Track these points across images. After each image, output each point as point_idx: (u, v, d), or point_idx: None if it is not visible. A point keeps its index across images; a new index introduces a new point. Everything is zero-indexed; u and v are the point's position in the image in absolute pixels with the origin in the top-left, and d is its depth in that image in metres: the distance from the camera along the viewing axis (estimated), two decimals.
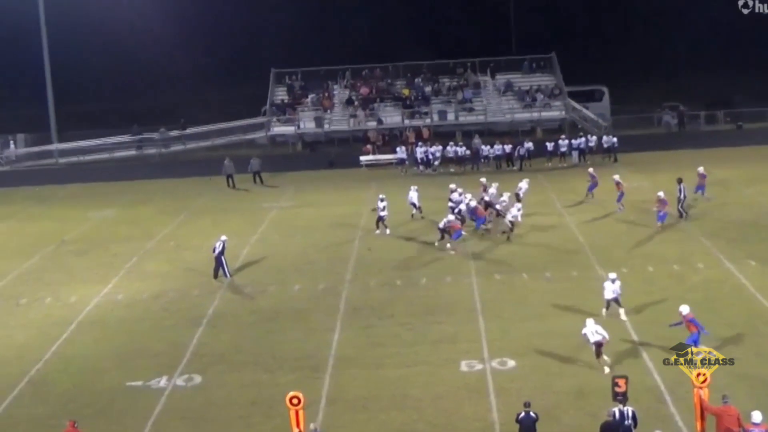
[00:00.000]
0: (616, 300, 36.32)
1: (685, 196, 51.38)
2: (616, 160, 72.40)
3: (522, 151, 72.49)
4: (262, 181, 71.31)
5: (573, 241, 48.63)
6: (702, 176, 54.79)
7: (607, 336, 31.74)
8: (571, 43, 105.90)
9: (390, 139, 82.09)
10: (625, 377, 26.26)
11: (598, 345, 31.72)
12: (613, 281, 36.33)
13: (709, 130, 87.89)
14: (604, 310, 36.29)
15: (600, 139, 74.65)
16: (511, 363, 32.99)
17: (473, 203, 51.42)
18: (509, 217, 49.66)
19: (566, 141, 73.91)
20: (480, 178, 56.62)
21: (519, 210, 50.27)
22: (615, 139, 73.97)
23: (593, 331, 31.92)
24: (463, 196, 52.27)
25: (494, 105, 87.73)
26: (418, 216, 54.69)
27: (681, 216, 51.31)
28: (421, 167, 73.12)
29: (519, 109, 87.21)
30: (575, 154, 73.88)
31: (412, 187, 55.99)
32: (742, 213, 52.54)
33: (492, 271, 43.69)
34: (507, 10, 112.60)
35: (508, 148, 73.34)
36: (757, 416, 24.05)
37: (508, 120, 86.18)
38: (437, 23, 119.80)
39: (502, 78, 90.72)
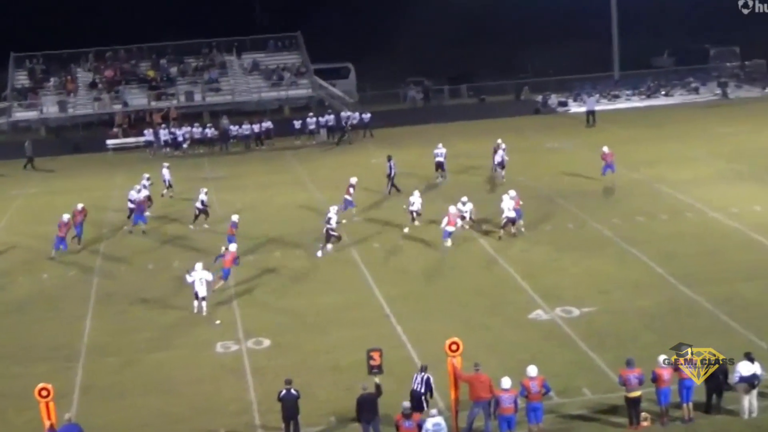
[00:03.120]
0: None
1: (394, 173, 52.42)
2: (372, 135, 73.48)
3: (347, 124, 73.30)
4: (33, 167, 69.16)
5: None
6: (607, 155, 52.41)
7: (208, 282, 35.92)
8: (317, 20, 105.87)
9: (137, 122, 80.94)
10: (380, 350, 26.67)
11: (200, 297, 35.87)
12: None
13: (453, 104, 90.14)
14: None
15: (358, 114, 75.49)
16: (267, 342, 33.22)
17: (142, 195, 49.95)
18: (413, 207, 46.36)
19: (314, 119, 74.41)
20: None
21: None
22: (368, 115, 74.97)
23: (200, 278, 35.84)
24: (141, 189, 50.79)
25: (241, 84, 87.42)
26: (168, 195, 54.77)
27: (389, 192, 52.53)
28: (167, 149, 72.48)
29: (266, 88, 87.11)
30: (323, 131, 74.49)
31: (164, 164, 56.56)
32: (483, 184, 53.97)
33: (246, 252, 43.42)
34: None
35: (256, 127, 73.42)
36: (506, 382, 24.94)
37: (256, 99, 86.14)
38: (183, 3, 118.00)
39: (248, 57, 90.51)
